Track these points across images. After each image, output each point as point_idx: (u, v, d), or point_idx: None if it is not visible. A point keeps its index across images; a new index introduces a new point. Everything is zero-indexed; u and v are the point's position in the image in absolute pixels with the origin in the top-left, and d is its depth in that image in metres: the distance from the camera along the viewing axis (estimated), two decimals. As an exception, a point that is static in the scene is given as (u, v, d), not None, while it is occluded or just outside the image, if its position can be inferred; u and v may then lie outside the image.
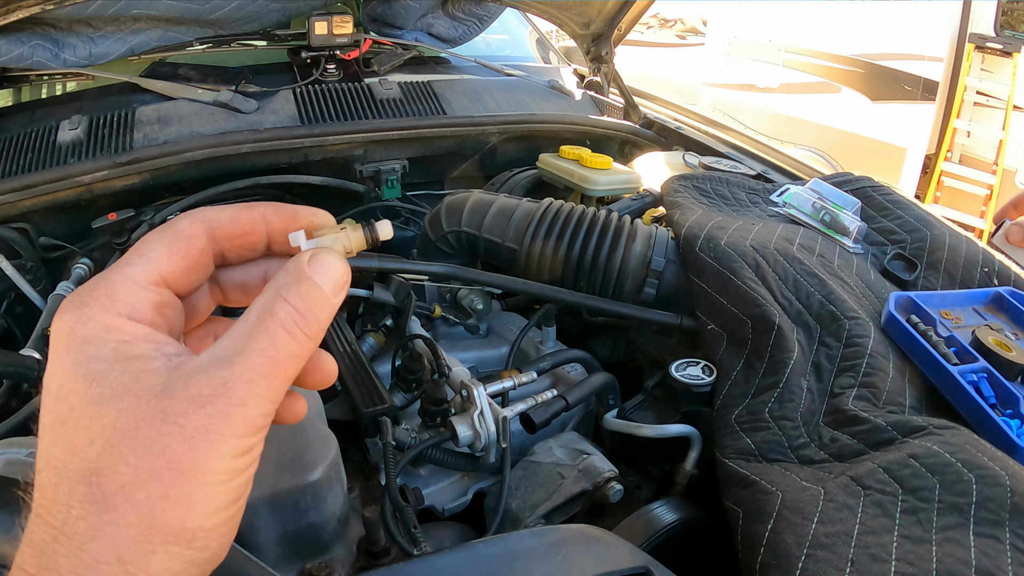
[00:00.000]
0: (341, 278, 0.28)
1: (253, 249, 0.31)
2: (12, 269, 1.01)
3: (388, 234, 0.31)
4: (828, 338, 0.75)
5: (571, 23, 1.59)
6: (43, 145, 1.11)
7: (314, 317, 0.27)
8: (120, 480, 0.23)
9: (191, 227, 0.29)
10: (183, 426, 0.23)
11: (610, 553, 0.45)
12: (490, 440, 0.75)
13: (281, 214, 0.31)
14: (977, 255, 0.94)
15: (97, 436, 0.23)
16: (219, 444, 0.24)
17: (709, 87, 4.39)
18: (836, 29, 3.80)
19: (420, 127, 1.26)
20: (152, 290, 0.27)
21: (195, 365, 0.25)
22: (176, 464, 0.23)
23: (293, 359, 0.26)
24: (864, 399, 0.67)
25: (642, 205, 1.16)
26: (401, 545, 0.61)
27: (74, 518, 0.23)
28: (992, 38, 3.17)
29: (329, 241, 0.29)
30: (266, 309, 0.26)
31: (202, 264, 0.30)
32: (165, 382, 0.24)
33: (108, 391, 0.24)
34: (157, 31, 1.21)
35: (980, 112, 3.29)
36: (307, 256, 0.28)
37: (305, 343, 0.26)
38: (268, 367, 0.25)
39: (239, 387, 0.24)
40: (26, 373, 0.78)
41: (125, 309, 0.26)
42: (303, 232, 0.29)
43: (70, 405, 0.24)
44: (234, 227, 0.30)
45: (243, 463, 0.25)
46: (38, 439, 0.25)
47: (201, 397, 0.24)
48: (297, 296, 0.26)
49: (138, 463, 0.23)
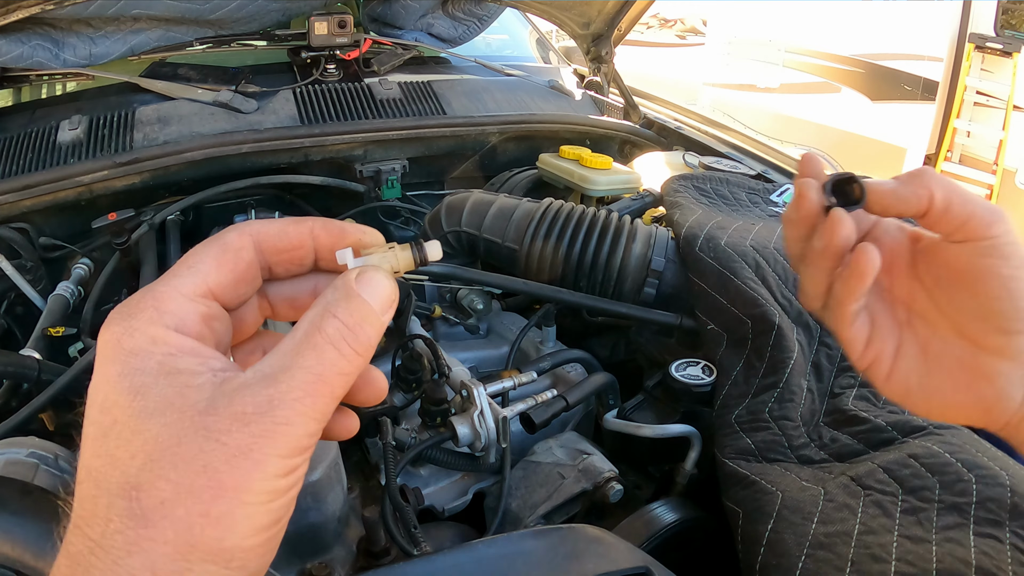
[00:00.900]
0: (389, 296, 0.28)
1: (300, 264, 0.31)
2: (12, 269, 1.01)
3: (437, 255, 0.30)
4: (828, 338, 0.75)
5: (571, 23, 1.59)
6: (43, 145, 1.11)
7: (364, 333, 0.26)
8: (160, 496, 0.23)
9: (239, 239, 0.29)
10: (226, 444, 0.23)
11: (610, 553, 0.45)
12: (490, 440, 0.74)
13: (329, 230, 0.30)
14: (977, 255, 0.94)
15: (139, 450, 0.23)
16: (262, 464, 0.23)
17: (709, 87, 4.39)
18: (836, 29, 3.80)
19: (420, 127, 1.26)
20: (200, 302, 0.27)
21: (240, 382, 0.24)
22: (217, 482, 0.23)
23: (341, 376, 0.25)
24: (864, 399, 0.67)
25: (642, 205, 1.16)
26: (401, 545, 0.61)
27: (112, 531, 0.23)
28: (992, 38, 3.17)
29: (377, 260, 0.29)
30: (314, 325, 0.26)
31: (250, 277, 0.29)
32: (210, 398, 0.24)
33: (152, 405, 0.24)
34: (157, 31, 1.21)
35: (980, 112, 3.30)
36: (355, 273, 0.27)
37: (354, 360, 0.26)
38: (315, 385, 0.25)
39: (284, 406, 0.24)
40: (26, 373, 0.78)
41: (172, 321, 0.26)
42: (351, 250, 0.29)
43: (113, 417, 0.24)
44: (281, 241, 0.30)
45: (286, 484, 0.24)
46: (80, 449, 0.25)
47: (245, 415, 0.23)
48: (346, 312, 0.26)
49: (178, 479, 0.23)
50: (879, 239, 0.39)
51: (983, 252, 0.34)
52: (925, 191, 0.34)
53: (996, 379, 0.35)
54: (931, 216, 0.35)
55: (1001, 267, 0.34)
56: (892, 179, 0.35)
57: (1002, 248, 0.34)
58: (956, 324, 0.37)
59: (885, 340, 0.38)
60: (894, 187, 0.35)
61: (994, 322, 0.34)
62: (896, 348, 0.38)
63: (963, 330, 0.36)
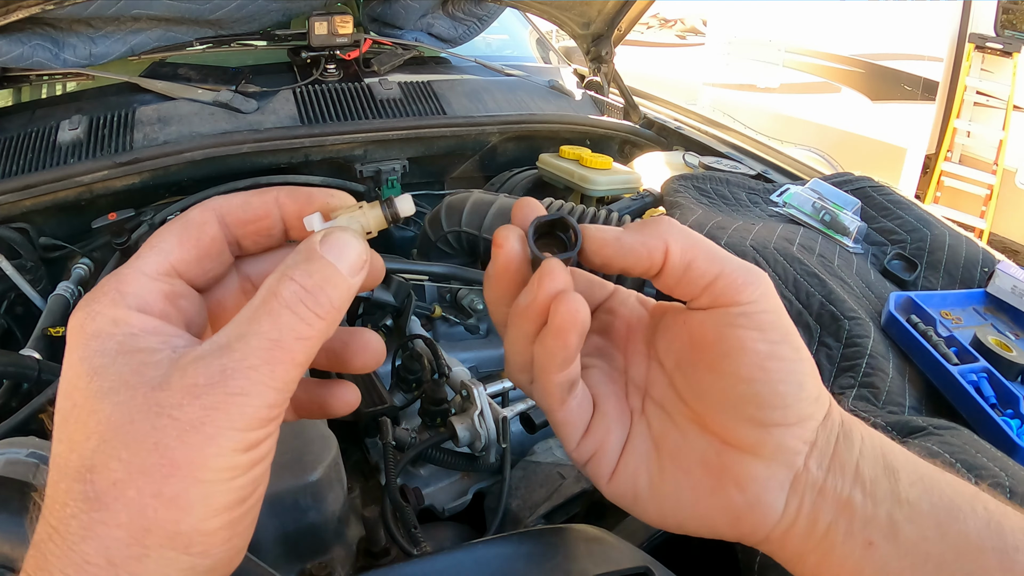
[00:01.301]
0: (359, 257, 0.26)
1: (268, 235, 0.30)
2: (12, 269, 1.00)
3: (409, 210, 0.29)
4: (828, 338, 0.75)
5: (571, 23, 1.59)
6: (43, 145, 1.11)
7: (325, 296, 0.24)
8: (112, 477, 0.22)
9: (201, 215, 0.28)
10: (177, 419, 0.22)
11: (610, 553, 0.45)
12: (490, 440, 0.74)
13: (295, 197, 0.29)
14: (977, 255, 0.94)
15: (93, 431, 0.22)
16: (215, 438, 0.22)
17: (709, 87, 4.39)
18: (836, 29, 3.80)
19: (420, 127, 1.26)
20: (163, 280, 0.26)
21: (195, 355, 0.23)
22: (169, 460, 0.22)
23: (301, 341, 0.24)
24: (864, 399, 0.67)
25: (642, 205, 1.16)
26: (401, 545, 0.61)
27: (67, 516, 0.22)
28: (992, 38, 3.18)
29: (344, 221, 0.28)
30: (270, 290, 0.24)
31: (215, 252, 0.28)
32: (165, 373, 0.23)
33: (107, 384, 0.23)
34: (157, 31, 1.21)
35: (980, 112, 3.30)
36: (320, 235, 0.26)
37: (315, 323, 0.24)
38: (271, 351, 0.23)
39: (238, 375, 0.22)
40: (26, 373, 0.78)
41: (135, 302, 0.25)
42: (318, 214, 0.28)
43: (73, 401, 0.23)
44: (245, 212, 0.29)
45: (247, 459, 0.23)
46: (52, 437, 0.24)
47: (197, 387, 0.22)
48: (304, 274, 0.24)
49: (130, 458, 0.22)
50: (614, 311, 0.34)
51: (734, 321, 0.27)
52: (658, 243, 0.28)
53: (748, 485, 0.28)
54: (668, 275, 0.28)
55: (756, 340, 0.27)
56: (625, 227, 0.29)
57: (757, 317, 0.27)
58: (699, 415, 0.30)
59: (610, 429, 0.31)
60: (618, 235, 0.28)
61: (746, 411, 0.27)
62: (623, 441, 0.32)
63: (708, 423, 0.29)
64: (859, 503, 0.27)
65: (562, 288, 0.27)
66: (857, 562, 0.27)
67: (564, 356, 0.28)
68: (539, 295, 0.28)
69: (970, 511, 0.27)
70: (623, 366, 0.33)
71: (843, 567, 0.27)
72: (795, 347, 0.28)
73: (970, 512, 0.27)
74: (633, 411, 0.32)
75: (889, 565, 0.26)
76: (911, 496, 0.27)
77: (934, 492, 0.27)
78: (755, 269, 0.28)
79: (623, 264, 0.28)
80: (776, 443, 0.27)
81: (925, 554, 0.26)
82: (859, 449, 0.28)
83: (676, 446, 0.30)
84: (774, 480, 0.28)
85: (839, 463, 0.28)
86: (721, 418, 0.28)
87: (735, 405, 0.28)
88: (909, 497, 0.27)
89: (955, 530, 0.26)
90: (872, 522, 0.27)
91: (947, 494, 0.27)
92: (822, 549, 0.28)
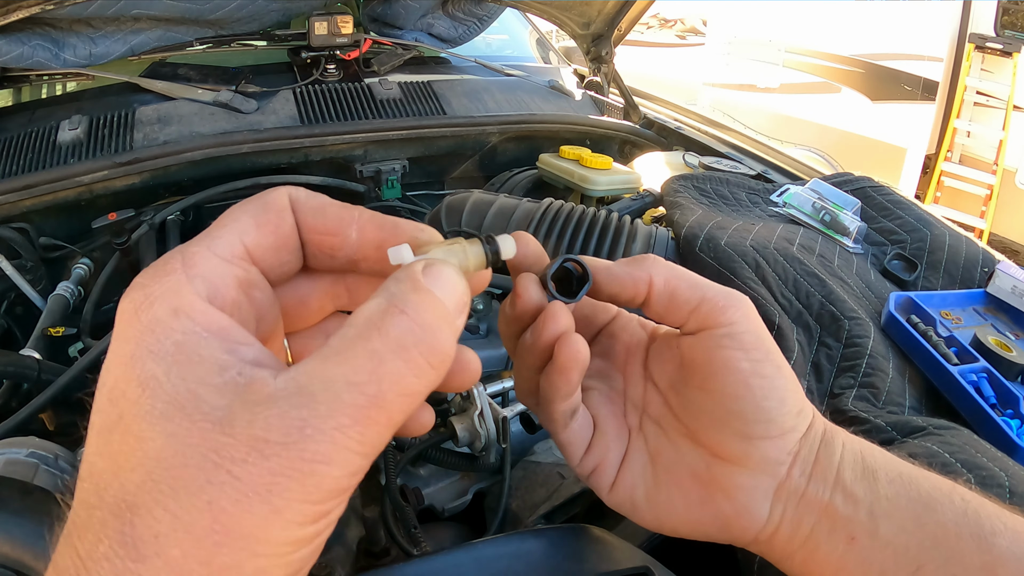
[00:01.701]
0: (462, 297, 0.22)
1: (331, 256, 0.25)
2: (12, 269, 1.01)
3: (511, 252, 0.26)
4: (828, 338, 0.75)
5: (571, 23, 1.59)
6: (43, 145, 1.11)
7: (440, 340, 0.20)
8: (155, 528, 0.18)
9: (281, 199, 0.24)
10: (238, 478, 0.18)
11: (610, 553, 0.45)
12: (490, 440, 0.75)
13: (379, 223, 0.25)
14: (977, 255, 0.94)
15: (140, 463, 0.18)
16: (282, 511, 0.18)
17: (709, 87, 4.39)
18: (836, 29, 3.81)
19: (420, 127, 1.26)
20: (237, 264, 0.22)
21: (268, 392, 0.19)
22: (223, 526, 0.18)
23: (404, 398, 0.19)
24: (864, 399, 0.67)
25: (642, 205, 1.16)
26: (401, 545, 0.61)
27: (99, 556, 0.18)
28: (992, 38, 3.18)
29: (442, 254, 0.24)
30: (371, 324, 0.19)
31: (292, 245, 0.24)
32: (228, 407, 0.18)
33: (160, 406, 0.19)
34: (157, 31, 1.21)
35: (980, 112, 3.30)
36: (420, 265, 0.21)
37: (427, 375, 0.20)
38: (366, 409, 0.18)
39: (321, 436, 0.18)
40: (26, 373, 0.78)
41: (203, 287, 0.21)
42: (407, 246, 0.23)
43: (120, 412, 0.19)
44: (318, 220, 0.24)
45: (312, 531, 0.19)
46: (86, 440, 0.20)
47: (267, 443, 0.18)
48: (417, 307, 0.20)
49: (178, 512, 0.18)
50: (615, 335, 0.35)
51: (718, 343, 0.29)
52: (642, 275, 0.30)
53: (735, 494, 0.30)
54: (654, 303, 0.31)
55: (740, 360, 0.29)
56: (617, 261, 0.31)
57: (740, 337, 0.29)
58: (691, 430, 0.32)
59: (609, 447, 0.34)
60: (608, 266, 0.31)
61: (732, 425, 0.29)
62: (622, 456, 0.34)
63: (698, 437, 0.31)
64: (840, 505, 0.29)
65: (563, 330, 0.30)
66: (841, 557, 0.29)
67: (567, 390, 0.31)
68: (543, 336, 0.30)
69: (948, 503, 0.29)
70: (622, 387, 0.35)
71: (828, 562, 0.30)
72: (777, 365, 0.30)
73: (947, 504, 0.29)
74: (631, 428, 0.35)
75: (871, 557, 0.29)
76: (889, 494, 0.29)
77: (912, 488, 0.29)
78: (735, 293, 0.30)
79: (611, 292, 0.31)
80: (761, 455, 0.30)
81: (904, 545, 0.28)
82: (840, 456, 0.30)
83: (670, 460, 0.33)
84: (759, 489, 0.30)
85: (820, 471, 0.30)
86: (710, 433, 0.31)
87: (723, 420, 0.30)
88: (888, 495, 0.29)
89: (932, 521, 0.28)
90: (853, 521, 0.29)
91: (924, 488, 0.30)
92: (807, 548, 0.30)
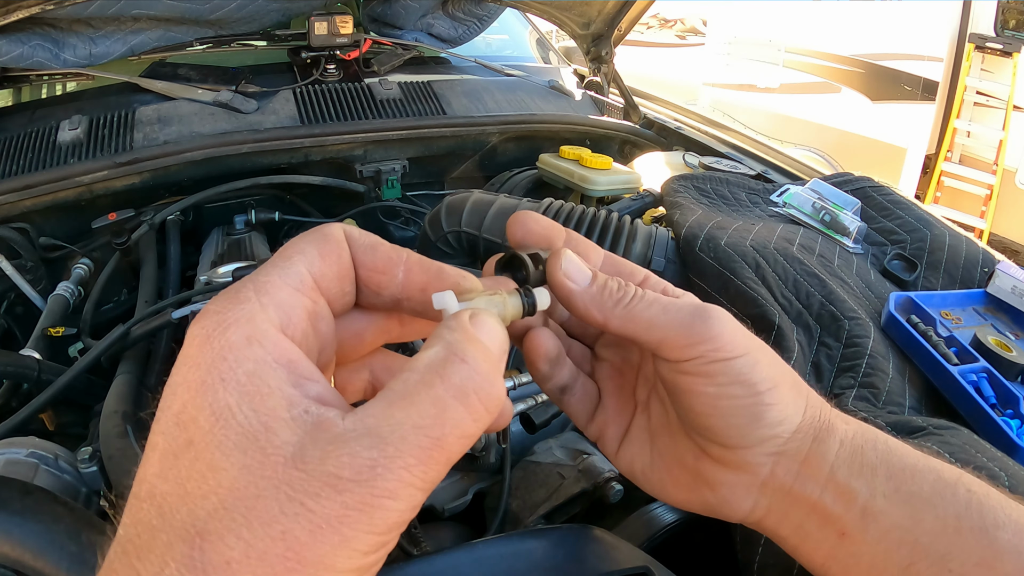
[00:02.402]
0: (503, 345, 0.23)
1: (376, 294, 0.26)
2: (12, 269, 1.01)
3: (546, 304, 0.28)
4: (828, 338, 0.75)
5: (571, 23, 1.59)
6: (43, 145, 1.11)
7: (494, 387, 0.21)
8: (227, 555, 0.19)
9: (337, 232, 0.25)
10: (312, 511, 0.19)
11: (610, 553, 0.45)
12: (490, 440, 0.75)
13: (425, 267, 0.26)
14: (977, 255, 0.94)
15: (212, 491, 0.19)
16: (351, 541, 0.19)
17: (709, 87, 4.39)
18: (836, 29, 3.81)
19: (420, 127, 1.26)
20: (307, 294, 0.23)
21: (338, 432, 0.20)
22: (296, 554, 0.19)
23: (463, 440, 0.21)
24: (864, 399, 0.67)
25: (642, 205, 1.16)
26: (401, 545, 0.61)
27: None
28: (992, 38, 3.18)
29: (484, 304, 0.25)
30: (433, 370, 0.21)
31: (352, 277, 0.25)
32: (299, 444, 0.20)
33: (233, 438, 0.20)
34: (157, 31, 1.21)
35: (980, 112, 3.30)
36: (467, 315, 0.23)
37: (483, 420, 0.21)
38: (430, 451, 0.20)
39: (389, 475, 0.19)
40: (26, 373, 0.78)
41: (277, 316, 0.22)
42: (452, 293, 0.25)
43: (189, 437, 0.20)
44: (369, 256, 0.26)
45: (374, 559, 0.20)
46: (144, 458, 0.21)
47: (340, 481, 0.19)
48: (475, 357, 0.21)
49: (251, 540, 0.19)
50: None
51: (682, 371, 0.29)
52: (599, 320, 0.30)
53: (719, 488, 0.31)
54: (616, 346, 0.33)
55: (703, 385, 0.29)
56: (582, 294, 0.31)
57: (702, 369, 0.29)
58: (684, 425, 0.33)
59: (608, 423, 0.35)
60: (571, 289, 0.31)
61: (705, 436, 0.30)
62: (625, 429, 0.35)
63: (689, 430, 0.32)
64: (830, 504, 0.29)
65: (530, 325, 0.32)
66: (831, 549, 0.30)
67: (539, 376, 0.33)
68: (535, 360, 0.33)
69: (951, 496, 0.29)
70: (637, 361, 0.35)
71: (817, 551, 0.30)
72: (748, 385, 0.29)
73: (951, 497, 0.28)
74: (639, 403, 0.35)
75: (861, 551, 0.29)
76: (887, 491, 0.29)
77: (914, 483, 0.29)
78: (697, 327, 0.29)
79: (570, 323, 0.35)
80: (739, 459, 0.30)
81: (898, 540, 0.28)
82: (835, 454, 0.30)
83: (665, 444, 0.33)
84: (740, 485, 0.31)
85: (810, 469, 0.30)
86: (693, 432, 0.31)
87: (697, 430, 0.31)
88: (885, 491, 0.29)
89: (931, 516, 0.28)
90: (843, 518, 0.29)
91: (928, 480, 0.29)
92: (798, 536, 0.31)
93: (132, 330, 0.81)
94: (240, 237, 1.13)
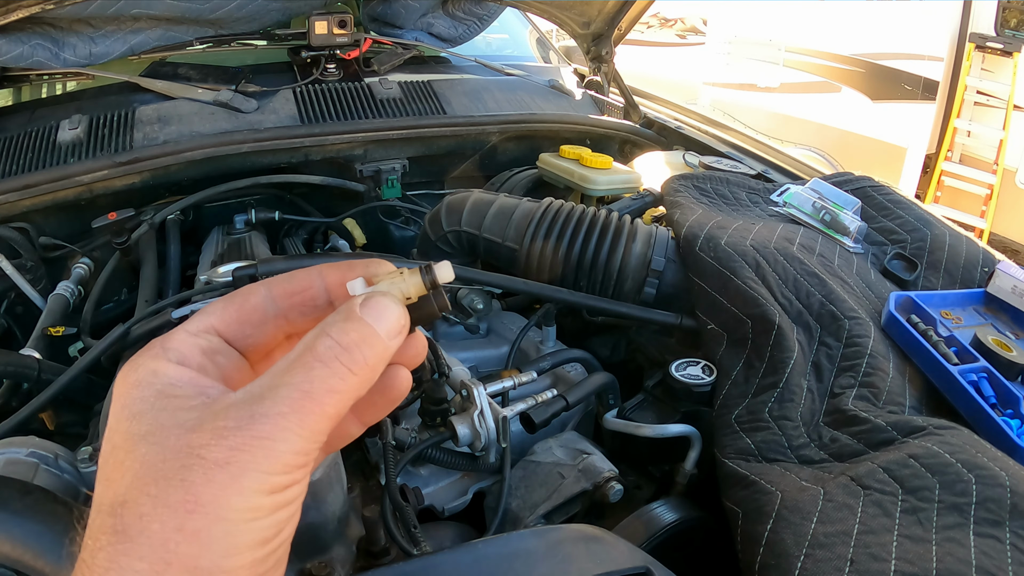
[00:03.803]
0: (397, 321, 0.28)
1: (314, 305, 0.31)
2: (12, 269, 1.01)
3: (448, 276, 0.30)
4: (828, 338, 0.75)
5: (571, 23, 1.59)
6: (43, 145, 1.11)
7: (360, 353, 0.26)
8: (140, 511, 0.23)
9: (251, 287, 0.30)
10: (204, 458, 0.23)
11: (610, 553, 0.45)
12: (490, 440, 0.74)
13: (336, 266, 0.31)
14: (977, 255, 0.94)
15: (128, 469, 0.24)
16: (239, 478, 0.23)
17: (709, 87, 4.39)
18: (836, 29, 3.80)
19: (420, 127, 1.26)
20: (202, 337, 0.28)
21: (228, 401, 0.25)
22: (193, 496, 0.23)
23: (332, 394, 0.25)
24: (864, 399, 0.67)
25: (642, 205, 1.16)
26: (401, 545, 0.61)
27: (96, 549, 0.23)
28: (992, 38, 3.18)
29: (385, 286, 0.29)
30: (306, 345, 0.26)
31: (256, 319, 0.30)
32: (198, 417, 0.24)
33: (145, 427, 0.24)
34: (157, 31, 1.21)
35: (980, 112, 3.30)
36: (360, 298, 0.28)
37: (348, 378, 0.26)
38: (301, 401, 0.24)
39: (266, 420, 0.24)
40: (26, 373, 0.78)
41: (175, 355, 0.27)
42: (361, 280, 0.29)
43: (113, 443, 0.25)
44: (289, 284, 0.30)
45: (270, 502, 0.24)
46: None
47: (226, 429, 0.24)
48: (341, 331, 0.26)
49: (158, 493, 0.23)
50: None
51: None
52: None
53: None
54: None
55: None
56: None
57: None
58: None
59: None
60: None
61: None
62: None
63: None
64: None
65: None
66: None
67: None
68: None
69: None
70: None
71: None
72: None
73: None
74: None
75: None
76: None
77: None
78: None
79: None
80: None
81: None
82: None
83: None
84: None
85: None
86: None
87: None
88: None
89: None
90: None
91: None
92: None
93: (132, 330, 0.81)
94: (240, 236, 1.13)
